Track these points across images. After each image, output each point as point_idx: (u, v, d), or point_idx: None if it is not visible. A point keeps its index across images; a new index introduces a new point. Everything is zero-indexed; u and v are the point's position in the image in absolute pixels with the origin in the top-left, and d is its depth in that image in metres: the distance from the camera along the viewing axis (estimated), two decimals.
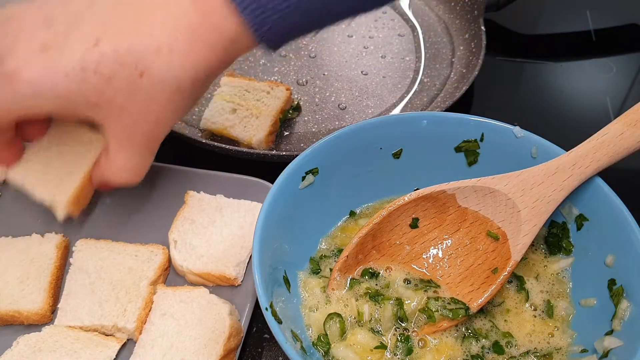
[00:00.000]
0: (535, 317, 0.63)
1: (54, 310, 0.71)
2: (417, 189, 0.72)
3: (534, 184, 0.63)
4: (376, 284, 0.65)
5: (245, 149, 0.86)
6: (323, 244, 0.70)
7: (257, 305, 0.71)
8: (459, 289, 0.64)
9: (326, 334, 0.61)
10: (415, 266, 0.67)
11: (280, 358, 0.71)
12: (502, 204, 0.64)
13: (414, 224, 0.67)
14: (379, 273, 0.66)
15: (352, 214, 0.72)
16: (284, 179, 0.64)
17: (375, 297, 0.63)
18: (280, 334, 0.52)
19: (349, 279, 0.65)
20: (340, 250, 0.68)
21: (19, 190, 0.70)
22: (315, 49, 1.06)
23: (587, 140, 0.63)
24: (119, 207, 0.81)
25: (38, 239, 0.75)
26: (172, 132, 0.87)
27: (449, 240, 0.67)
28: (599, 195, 0.63)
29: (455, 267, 0.66)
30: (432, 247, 0.67)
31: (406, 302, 0.63)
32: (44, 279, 0.72)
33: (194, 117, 0.94)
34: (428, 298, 0.63)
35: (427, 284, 0.65)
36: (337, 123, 0.95)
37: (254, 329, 0.72)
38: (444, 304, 0.62)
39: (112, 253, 0.74)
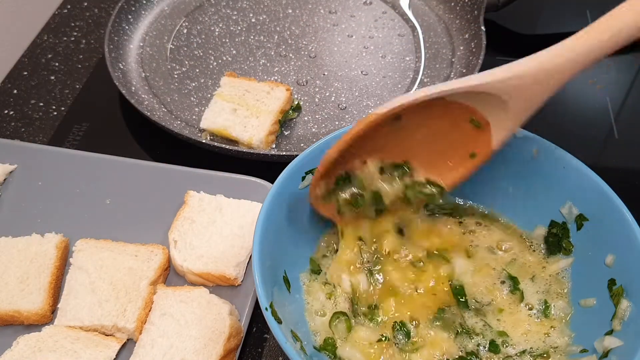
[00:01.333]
0: (530, 317, 0.63)
1: (54, 310, 0.71)
2: None
3: (523, 77, 0.60)
4: (352, 187, 0.66)
5: (245, 149, 0.86)
6: (323, 243, 0.69)
7: (257, 305, 0.71)
8: (434, 170, 0.66)
9: (333, 336, 0.61)
10: (392, 153, 0.67)
11: (280, 358, 0.71)
12: (489, 96, 0.61)
13: (397, 117, 0.65)
14: (352, 175, 0.66)
15: None
16: (284, 179, 0.64)
17: (355, 202, 0.66)
18: (280, 334, 0.52)
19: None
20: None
21: None
22: (315, 49, 1.06)
23: (579, 32, 0.60)
24: (119, 207, 0.81)
25: (38, 239, 0.75)
26: (172, 132, 0.87)
27: (429, 126, 0.65)
28: (599, 195, 0.63)
29: (433, 149, 0.66)
30: (412, 134, 0.66)
31: (384, 195, 0.65)
32: (44, 279, 0.72)
33: (194, 117, 0.95)
34: (405, 186, 0.65)
35: (402, 169, 0.66)
36: (337, 123, 0.95)
37: (254, 329, 0.72)
38: (420, 188, 0.65)
39: (112, 253, 0.74)
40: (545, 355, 0.60)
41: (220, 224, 0.77)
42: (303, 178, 0.66)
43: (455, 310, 0.63)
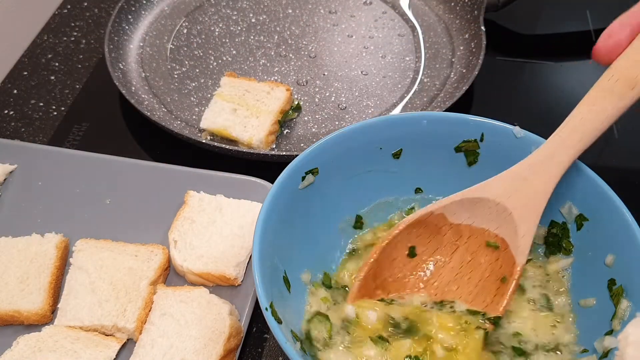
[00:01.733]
0: (533, 310, 0.63)
1: (54, 310, 0.71)
2: (418, 188, 0.72)
3: (519, 181, 0.62)
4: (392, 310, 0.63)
5: (245, 149, 0.86)
6: (323, 242, 0.70)
7: (257, 305, 0.71)
8: (473, 307, 0.63)
9: (309, 336, 0.60)
10: (423, 294, 0.65)
11: (280, 358, 0.71)
12: (492, 211, 0.63)
13: (412, 253, 0.66)
14: (393, 300, 0.64)
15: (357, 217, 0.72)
16: (284, 179, 0.64)
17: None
18: (280, 334, 0.52)
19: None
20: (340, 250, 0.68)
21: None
22: (315, 49, 1.06)
23: (559, 127, 0.63)
24: (119, 207, 0.81)
25: (38, 239, 0.75)
26: (172, 132, 0.87)
27: (451, 261, 0.66)
28: (599, 195, 0.63)
29: (464, 286, 0.65)
30: (436, 272, 0.66)
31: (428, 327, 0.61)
32: (44, 279, 0.72)
33: (194, 117, 0.95)
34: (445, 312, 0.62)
35: (441, 304, 0.64)
36: (337, 123, 0.95)
37: (254, 329, 0.72)
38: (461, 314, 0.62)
39: (112, 253, 0.74)
40: (555, 349, 0.60)
41: (220, 224, 0.77)
42: (303, 178, 0.66)
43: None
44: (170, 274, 0.75)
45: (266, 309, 0.54)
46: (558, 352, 0.60)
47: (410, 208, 0.72)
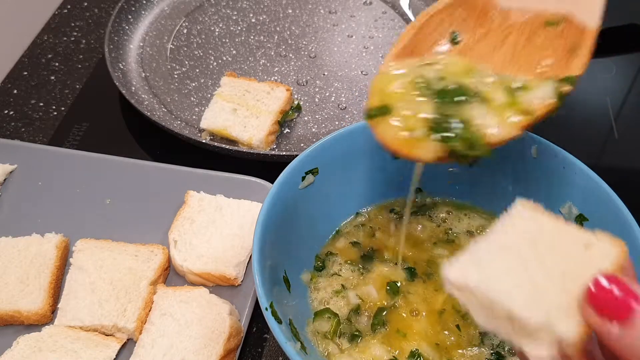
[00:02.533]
0: None
1: (54, 310, 0.71)
2: (418, 188, 0.72)
3: None
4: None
5: (245, 149, 0.86)
6: (323, 245, 0.70)
7: (257, 305, 0.71)
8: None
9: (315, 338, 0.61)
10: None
11: (280, 358, 0.71)
12: None
13: (454, 40, 0.56)
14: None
15: (357, 214, 0.72)
16: (284, 179, 0.64)
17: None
18: (280, 334, 0.52)
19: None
20: (341, 251, 0.68)
21: None
22: (315, 49, 1.06)
23: None
24: (119, 207, 0.81)
25: (38, 239, 0.75)
26: (172, 132, 0.87)
27: (502, 48, 0.55)
28: (599, 195, 0.63)
29: (525, 66, 0.55)
30: (487, 56, 0.55)
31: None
32: (44, 279, 0.72)
33: (194, 117, 0.95)
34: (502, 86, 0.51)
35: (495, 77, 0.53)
36: (337, 123, 0.95)
37: (254, 329, 0.72)
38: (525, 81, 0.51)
39: (112, 253, 0.74)
40: None
41: (220, 224, 0.77)
42: (303, 178, 0.66)
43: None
44: (170, 274, 0.75)
45: (266, 309, 0.54)
46: None
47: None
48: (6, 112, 0.98)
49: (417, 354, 0.60)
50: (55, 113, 0.98)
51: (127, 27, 1.06)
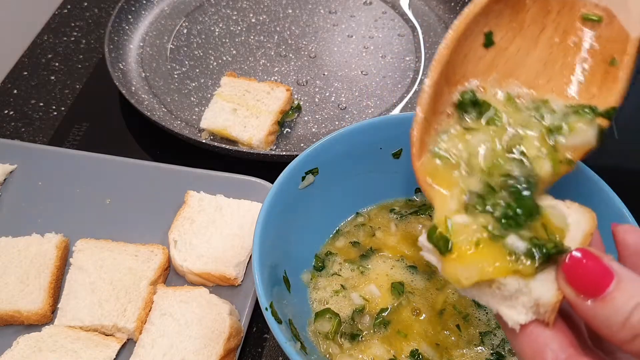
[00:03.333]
0: None
1: (54, 310, 0.71)
2: (418, 188, 0.72)
3: None
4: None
5: (245, 149, 0.86)
6: (323, 244, 0.70)
7: (257, 305, 0.71)
8: (574, 100, 0.49)
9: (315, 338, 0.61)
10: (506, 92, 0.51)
11: (280, 358, 0.71)
12: None
13: (489, 41, 0.51)
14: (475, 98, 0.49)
15: (357, 214, 0.72)
16: (284, 179, 0.64)
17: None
18: (280, 334, 0.52)
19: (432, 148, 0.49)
20: (341, 249, 0.68)
21: None
22: (315, 49, 1.06)
23: None
24: (119, 207, 0.81)
25: (38, 239, 0.75)
26: (172, 132, 0.87)
27: (537, 47, 0.51)
28: (599, 195, 0.63)
29: (556, 77, 0.50)
30: (520, 63, 0.51)
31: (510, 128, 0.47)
32: (44, 279, 0.72)
33: (194, 117, 0.95)
34: (539, 115, 0.47)
35: (533, 103, 0.49)
36: (337, 123, 0.95)
37: (254, 329, 0.72)
38: (564, 112, 0.47)
39: (112, 253, 0.74)
40: None
41: (220, 224, 0.77)
42: (303, 178, 0.66)
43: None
44: (170, 274, 0.75)
45: (266, 309, 0.54)
46: None
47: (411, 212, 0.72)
48: (6, 112, 0.98)
49: (417, 354, 0.60)
50: (55, 113, 0.98)
51: (127, 27, 1.06)
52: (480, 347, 0.61)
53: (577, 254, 0.39)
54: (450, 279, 0.41)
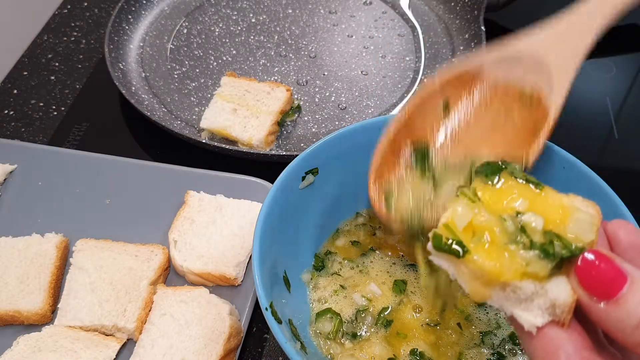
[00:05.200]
0: None
1: (54, 310, 0.71)
2: None
3: (558, 35, 0.59)
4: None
5: (245, 149, 0.86)
6: (323, 244, 0.70)
7: (257, 305, 0.71)
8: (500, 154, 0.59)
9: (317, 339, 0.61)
10: (454, 150, 0.62)
11: (280, 358, 0.71)
12: (530, 65, 0.60)
13: (445, 108, 0.62)
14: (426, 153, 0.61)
15: (357, 214, 0.72)
16: (284, 179, 0.64)
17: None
18: (280, 334, 0.52)
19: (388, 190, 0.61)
20: (340, 249, 0.68)
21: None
22: (315, 49, 1.06)
23: None
24: (119, 207, 0.81)
25: (38, 239, 0.75)
26: (172, 132, 0.87)
27: (485, 117, 0.62)
28: (599, 195, 0.63)
29: (497, 142, 0.61)
30: (470, 129, 0.62)
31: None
32: (44, 279, 0.72)
33: (194, 117, 0.95)
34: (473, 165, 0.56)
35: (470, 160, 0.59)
36: (337, 123, 0.95)
37: (254, 329, 0.72)
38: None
39: (112, 253, 0.74)
40: None
41: (220, 224, 0.76)
42: (303, 178, 0.66)
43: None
44: (170, 274, 0.75)
45: (266, 309, 0.54)
46: None
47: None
48: (6, 112, 0.98)
49: (417, 353, 0.60)
50: (55, 113, 0.98)
51: (127, 27, 1.06)
52: (480, 348, 0.61)
53: (590, 256, 0.38)
54: (478, 273, 0.41)
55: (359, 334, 0.62)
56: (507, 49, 0.60)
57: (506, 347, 0.61)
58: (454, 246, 0.42)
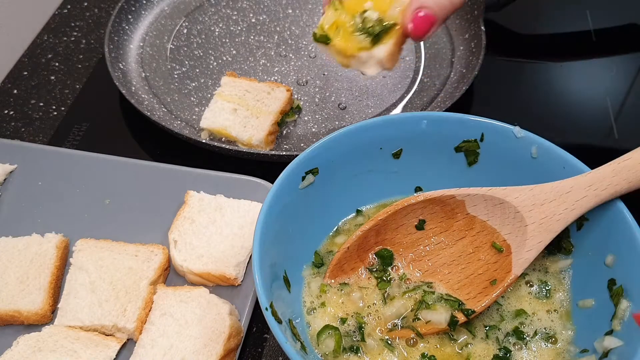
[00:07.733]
0: (530, 294, 0.64)
1: (54, 310, 0.71)
2: (418, 188, 0.72)
3: (545, 200, 0.62)
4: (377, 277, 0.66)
5: (245, 149, 0.86)
6: (323, 242, 0.70)
7: (257, 305, 0.71)
8: (455, 295, 0.64)
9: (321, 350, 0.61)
10: (415, 268, 0.66)
11: (280, 358, 0.71)
12: (510, 217, 0.63)
13: (420, 226, 0.67)
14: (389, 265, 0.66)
15: (357, 211, 0.72)
16: (284, 179, 0.64)
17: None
18: (280, 334, 0.52)
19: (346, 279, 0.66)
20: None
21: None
22: (315, 49, 1.06)
23: (608, 163, 0.61)
24: (119, 207, 0.81)
25: (38, 239, 0.75)
26: (172, 132, 0.87)
27: (453, 247, 0.67)
28: None
29: (455, 273, 0.65)
30: (435, 252, 0.67)
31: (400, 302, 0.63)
32: (44, 279, 0.72)
33: (194, 117, 0.95)
34: (424, 291, 0.64)
35: (424, 284, 0.65)
36: (337, 123, 0.95)
37: (254, 329, 0.72)
38: (439, 297, 0.63)
39: (112, 253, 0.74)
40: (553, 339, 0.61)
41: (220, 224, 0.77)
42: (303, 178, 0.66)
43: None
44: (170, 274, 0.76)
45: (266, 309, 0.54)
46: (554, 342, 0.61)
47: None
48: (6, 112, 0.98)
49: (426, 356, 0.60)
50: (55, 113, 0.98)
51: (127, 27, 1.06)
52: (486, 342, 0.61)
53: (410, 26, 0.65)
54: (338, 52, 0.68)
55: (359, 347, 0.61)
56: (496, 193, 0.64)
57: (511, 340, 0.61)
58: (323, 38, 0.68)
